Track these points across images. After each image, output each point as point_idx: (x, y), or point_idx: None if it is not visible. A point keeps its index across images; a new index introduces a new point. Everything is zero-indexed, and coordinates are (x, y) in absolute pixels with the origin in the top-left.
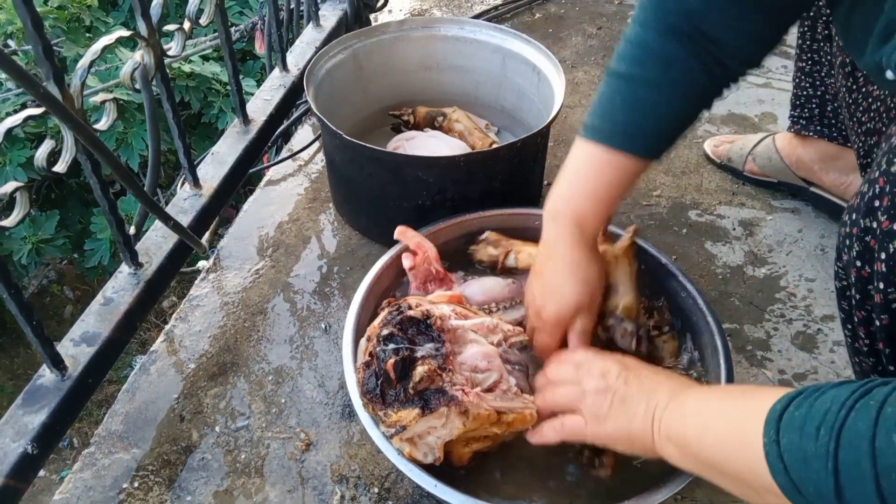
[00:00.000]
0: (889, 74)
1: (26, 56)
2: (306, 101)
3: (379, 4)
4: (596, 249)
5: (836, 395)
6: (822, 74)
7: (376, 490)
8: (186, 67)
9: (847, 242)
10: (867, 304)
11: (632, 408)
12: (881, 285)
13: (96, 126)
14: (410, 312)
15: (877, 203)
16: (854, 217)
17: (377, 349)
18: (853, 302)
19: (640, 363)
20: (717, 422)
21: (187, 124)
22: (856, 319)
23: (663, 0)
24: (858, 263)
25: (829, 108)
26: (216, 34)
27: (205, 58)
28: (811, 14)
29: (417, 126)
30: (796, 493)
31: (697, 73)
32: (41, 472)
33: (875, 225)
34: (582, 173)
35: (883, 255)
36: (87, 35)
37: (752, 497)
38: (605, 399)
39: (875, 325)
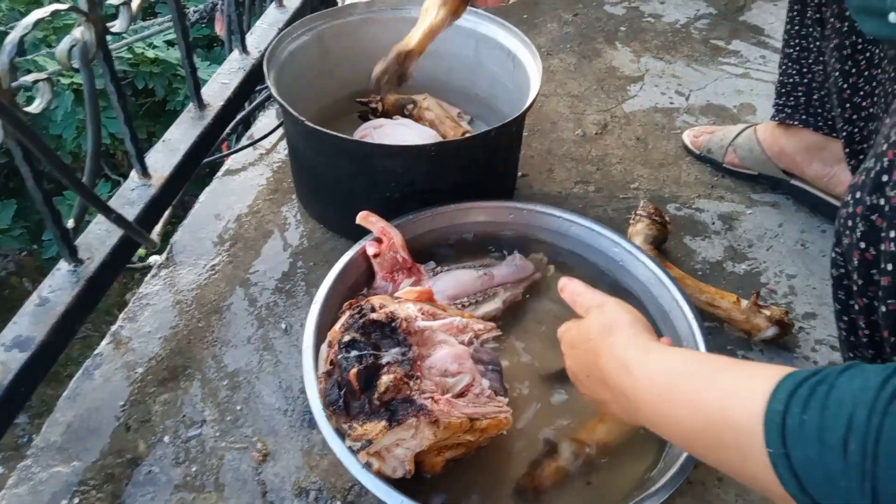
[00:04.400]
0: (892, 17)
1: None
2: (268, 87)
3: None
4: None
5: (856, 391)
6: (810, 62)
7: (339, 503)
8: (151, 53)
9: (849, 224)
10: (870, 290)
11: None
12: (889, 266)
13: (28, 109)
14: (373, 315)
15: (885, 178)
16: (858, 195)
17: (339, 357)
18: (854, 289)
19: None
20: (686, 407)
21: (152, 112)
22: (856, 307)
23: None
24: (862, 245)
25: (815, 97)
26: None
27: (170, 43)
28: None
29: (386, 114)
30: None
31: None
32: None
33: (882, 202)
34: None
35: (892, 234)
36: None
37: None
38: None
39: (879, 312)
